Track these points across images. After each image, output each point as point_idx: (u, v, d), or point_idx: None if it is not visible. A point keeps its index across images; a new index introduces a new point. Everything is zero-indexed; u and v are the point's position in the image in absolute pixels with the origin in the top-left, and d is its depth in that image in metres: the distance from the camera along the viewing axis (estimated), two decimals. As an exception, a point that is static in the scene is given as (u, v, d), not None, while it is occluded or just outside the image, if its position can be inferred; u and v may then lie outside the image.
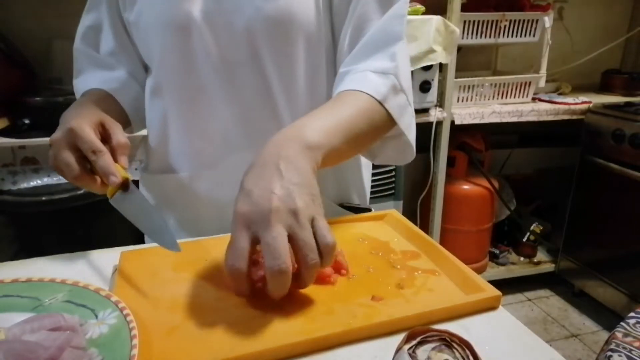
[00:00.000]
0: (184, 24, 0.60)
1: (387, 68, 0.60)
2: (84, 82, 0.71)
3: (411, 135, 0.63)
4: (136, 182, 1.64)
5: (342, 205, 0.74)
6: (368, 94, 0.57)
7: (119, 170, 0.54)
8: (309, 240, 0.42)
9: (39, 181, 1.42)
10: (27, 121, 1.35)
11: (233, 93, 0.64)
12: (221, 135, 0.66)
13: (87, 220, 1.40)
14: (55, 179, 1.43)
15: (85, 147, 0.53)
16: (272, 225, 0.41)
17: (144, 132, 0.75)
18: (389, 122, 0.60)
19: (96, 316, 0.41)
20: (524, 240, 2.07)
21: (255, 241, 0.42)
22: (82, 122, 0.54)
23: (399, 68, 0.61)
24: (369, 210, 0.74)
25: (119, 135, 0.56)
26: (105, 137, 0.56)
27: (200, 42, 0.61)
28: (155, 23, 0.62)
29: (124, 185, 0.55)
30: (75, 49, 0.73)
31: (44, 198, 1.33)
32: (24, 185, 1.41)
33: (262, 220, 0.41)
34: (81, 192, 1.36)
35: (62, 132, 0.54)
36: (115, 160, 0.55)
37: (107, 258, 0.57)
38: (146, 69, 0.72)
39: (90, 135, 0.53)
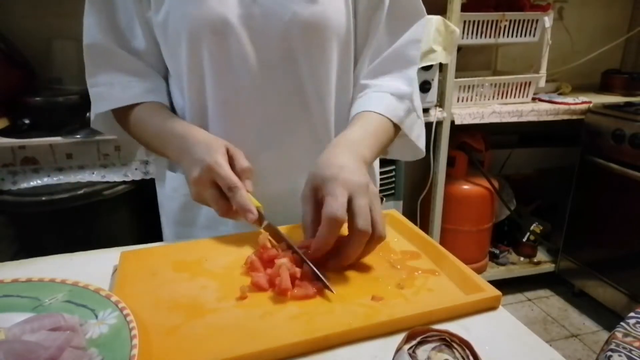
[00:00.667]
0: (220, 28, 0.60)
1: (405, 93, 0.70)
2: (122, 90, 0.68)
3: (420, 142, 0.76)
4: (137, 182, 1.63)
5: None
6: (388, 118, 0.67)
7: (252, 202, 0.57)
8: (377, 216, 0.52)
9: (39, 181, 1.42)
10: (27, 121, 1.35)
11: (268, 94, 0.65)
12: (255, 134, 0.67)
13: (87, 220, 1.39)
14: (55, 179, 1.43)
15: (223, 184, 0.56)
16: (364, 195, 0.51)
17: None
18: (398, 131, 0.71)
19: (96, 316, 0.41)
20: (524, 240, 2.07)
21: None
22: (217, 156, 0.57)
23: (414, 93, 0.71)
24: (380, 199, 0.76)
25: (242, 160, 0.60)
26: (230, 162, 0.59)
27: (237, 46, 0.61)
28: (187, 26, 0.61)
29: (260, 215, 0.58)
30: (92, 45, 0.67)
31: (44, 198, 1.33)
32: (24, 185, 1.40)
33: (359, 189, 0.52)
34: (81, 192, 1.36)
35: (201, 169, 0.57)
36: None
37: (107, 258, 0.57)
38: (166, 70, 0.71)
39: (227, 172, 0.56)
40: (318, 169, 0.55)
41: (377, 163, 0.85)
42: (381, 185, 1.65)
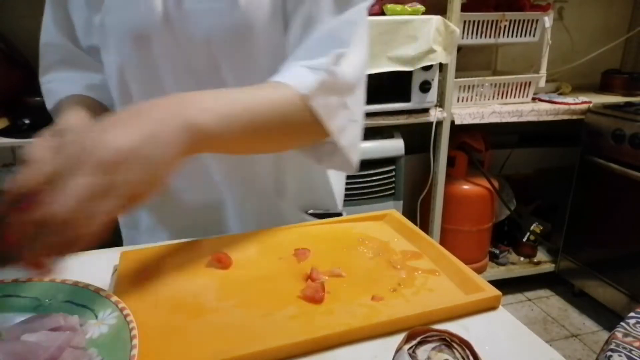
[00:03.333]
0: (144, 32, 0.58)
1: (322, 64, 0.54)
2: (63, 81, 0.67)
3: (344, 141, 0.57)
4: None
5: (308, 213, 0.73)
6: (291, 87, 0.52)
7: None
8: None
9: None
10: (27, 121, 1.35)
11: None
12: None
13: (87, 220, 1.39)
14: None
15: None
16: (91, 172, 0.36)
17: None
18: (316, 122, 0.55)
19: (96, 316, 0.41)
20: (524, 240, 2.07)
21: None
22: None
23: (338, 69, 0.55)
24: (339, 214, 0.73)
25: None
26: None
27: (162, 52, 0.59)
28: (117, 29, 0.59)
29: None
30: (46, 44, 0.67)
31: (44, 198, 1.33)
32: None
33: (92, 161, 0.36)
34: (81, 192, 1.36)
35: None
36: None
37: (107, 258, 0.57)
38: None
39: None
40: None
41: (335, 174, 0.76)
42: (381, 185, 1.66)
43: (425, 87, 1.56)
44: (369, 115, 1.56)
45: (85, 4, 0.62)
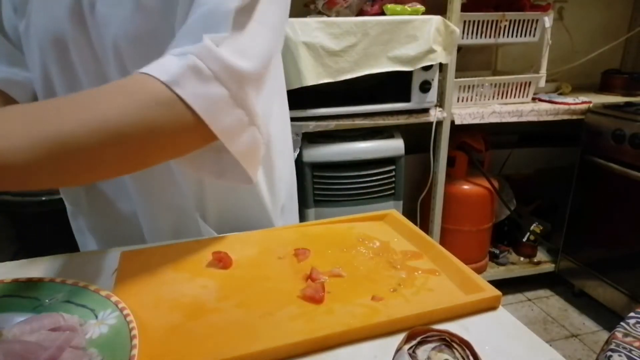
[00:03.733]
0: (60, 36, 0.57)
1: (189, 49, 0.44)
2: None
3: (236, 146, 0.47)
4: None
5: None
6: (149, 79, 0.42)
7: None
8: None
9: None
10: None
11: None
12: None
13: (87, 220, 1.40)
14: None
15: None
16: None
17: None
18: (194, 119, 0.44)
19: (96, 316, 0.41)
20: (524, 240, 2.07)
21: None
22: None
23: (215, 51, 0.44)
24: None
25: None
26: None
27: (77, 55, 0.58)
28: (37, 34, 0.58)
29: None
30: None
31: (44, 198, 1.33)
32: None
33: None
34: (81, 192, 1.36)
35: None
36: None
37: (107, 258, 0.57)
38: None
39: None
40: None
41: (273, 175, 0.69)
42: (381, 185, 1.65)
43: (425, 87, 1.56)
44: (369, 115, 1.56)
45: (12, 10, 0.61)
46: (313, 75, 1.38)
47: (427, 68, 1.53)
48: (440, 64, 1.57)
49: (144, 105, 0.41)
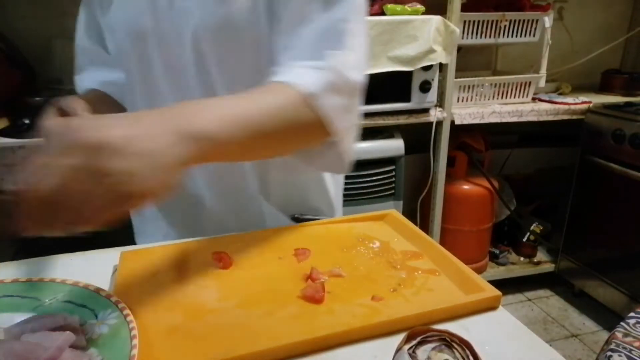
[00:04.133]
0: (138, 30, 0.61)
1: (327, 64, 0.53)
2: (85, 80, 0.72)
3: (346, 143, 0.58)
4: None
5: (294, 218, 0.70)
6: (294, 88, 0.51)
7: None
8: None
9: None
10: (27, 121, 1.35)
11: (182, 100, 0.61)
12: None
13: (87, 220, 1.39)
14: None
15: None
16: (76, 156, 0.35)
17: None
18: (321, 124, 0.53)
19: (96, 316, 0.41)
20: (524, 240, 2.07)
21: None
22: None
23: (344, 70, 0.54)
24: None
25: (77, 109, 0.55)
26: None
27: (155, 48, 0.61)
28: (119, 29, 0.63)
29: None
30: (78, 46, 0.72)
31: (44, 198, 1.33)
32: (24, 185, 1.40)
33: (76, 148, 0.35)
34: (81, 192, 1.36)
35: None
36: None
37: (107, 258, 0.57)
38: None
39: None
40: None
41: (332, 177, 0.74)
42: (381, 185, 1.65)
43: (425, 87, 1.56)
44: (369, 115, 1.56)
45: (99, 8, 0.67)
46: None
47: (427, 68, 1.53)
48: (440, 64, 1.57)
49: (289, 107, 0.51)
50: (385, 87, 1.53)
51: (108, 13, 0.65)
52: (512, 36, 1.73)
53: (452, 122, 1.68)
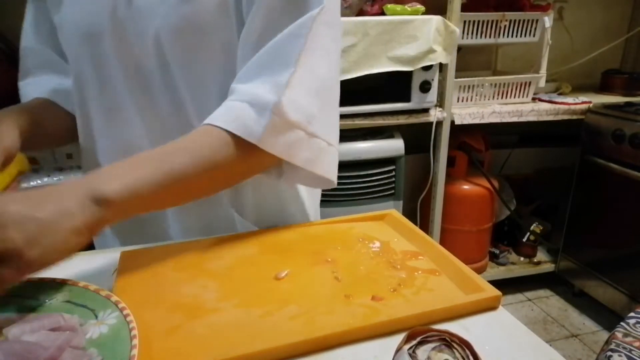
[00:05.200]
0: (94, 30, 0.57)
1: (265, 103, 0.51)
2: (32, 86, 0.67)
3: (320, 170, 0.57)
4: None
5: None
6: (231, 132, 0.51)
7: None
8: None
9: (39, 181, 1.42)
10: (27, 121, 1.35)
11: (147, 105, 0.60)
12: (140, 151, 0.56)
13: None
14: (55, 179, 1.43)
15: None
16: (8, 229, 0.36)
17: None
18: (273, 158, 0.53)
19: (96, 316, 0.41)
20: (524, 240, 2.07)
21: None
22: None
23: (285, 105, 0.51)
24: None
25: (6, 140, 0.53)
26: None
27: (113, 50, 0.57)
28: (72, 28, 0.59)
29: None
30: (24, 47, 0.68)
31: (44, 198, 1.33)
32: (24, 185, 1.40)
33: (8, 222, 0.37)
34: (81, 192, 1.36)
35: None
36: None
37: (107, 258, 0.57)
38: None
39: None
40: None
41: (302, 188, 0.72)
42: (381, 185, 1.65)
43: (425, 87, 1.56)
44: (369, 115, 1.56)
45: (50, 6, 0.62)
46: (313, 75, 1.37)
47: (427, 68, 1.53)
48: (440, 64, 1.57)
49: (227, 152, 0.51)
50: (385, 87, 1.53)
51: (59, 11, 0.59)
52: (512, 36, 1.73)
53: (452, 122, 1.68)
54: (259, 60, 0.53)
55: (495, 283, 0.50)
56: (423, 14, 1.53)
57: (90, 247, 0.70)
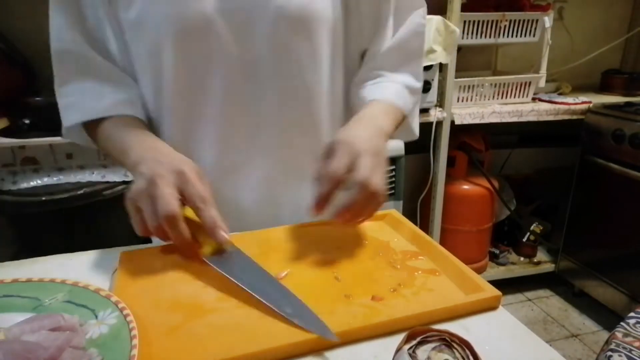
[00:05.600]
0: (200, 24, 0.56)
1: (416, 89, 0.72)
2: (94, 100, 0.61)
3: (415, 126, 0.77)
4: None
5: None
6: (401, 109, 0.68)
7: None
8: (376, 176, 0.53)
9: (39, 181, 1.42)
10: (27, 121, 1.35)
11: (255, 95, 0.61)
12: (245, 140, 0.64)
13: (87, 220, 1.39)
14: (55, 179, 1.43)
15: (194, 193, 0.49)
16: (368, 157, 0.53)
17: None
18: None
19: (96, 316, 0.41)
20: (524, 240, 2.07)
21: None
22: (191, 167, 0.51)
23: (421, 86, 0.74)
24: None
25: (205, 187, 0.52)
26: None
27: (219, 43, 0.57)
28: (165, 23, 0.56)
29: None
30: (65, 50, 0.62)
31: (44, 198, 1.33)
32: (24, 185, 1.41)
33: (364, 152, 0.53)
34: (81, 192, 1.36)
35: (169, 172, 0.49)
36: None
37: (107, 258, 0.57)
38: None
39: (200, 183, 0.50)
40: (335, 136, 0.56)
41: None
42: (381, 185, 1.66)
43: (425, 87, 1.56)
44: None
45: (106, 4, 0.58)
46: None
47: (427, 68, 1.53)
48: (440, 64, 1.57)
49: (398, 119, 0.69)
50: (385, 87, 1.53)
51: (131, 7, 0.56)
52: (512, 36, 1.73)
53: (452, 122, 1.68)
54: (398, 53, 0.69)
55: (495, 283, 0.50)
56: (423, 14, 1.52)
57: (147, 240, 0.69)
